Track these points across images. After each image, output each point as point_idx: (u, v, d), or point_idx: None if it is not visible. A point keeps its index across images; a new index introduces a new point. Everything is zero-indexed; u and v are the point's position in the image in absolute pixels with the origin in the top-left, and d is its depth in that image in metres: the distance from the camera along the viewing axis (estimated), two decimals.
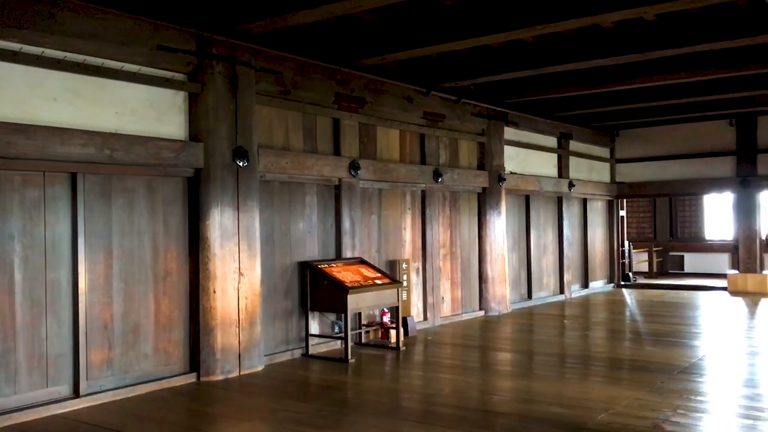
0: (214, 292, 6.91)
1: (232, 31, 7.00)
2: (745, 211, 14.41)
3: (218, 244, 6.95)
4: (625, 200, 16.60)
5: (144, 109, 6.61)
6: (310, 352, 8.07)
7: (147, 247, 6.64)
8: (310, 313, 8.10)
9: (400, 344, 8.43)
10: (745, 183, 14.28)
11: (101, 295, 6.24)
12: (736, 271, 14.76)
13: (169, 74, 6.79)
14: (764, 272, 13.98)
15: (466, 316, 10.97)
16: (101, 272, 6.25)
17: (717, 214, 18.74)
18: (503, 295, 11.57)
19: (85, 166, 6.05)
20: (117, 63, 6.34)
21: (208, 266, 6.90)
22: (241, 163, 7.17)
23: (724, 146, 14.55)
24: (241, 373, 7.10)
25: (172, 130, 6.85)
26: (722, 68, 9.44)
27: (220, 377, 6.92)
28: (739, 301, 12.95)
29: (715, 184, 14.82)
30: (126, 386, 6.33)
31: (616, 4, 6.64)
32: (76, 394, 6.00)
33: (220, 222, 6.99)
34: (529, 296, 12.84)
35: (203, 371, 6.88)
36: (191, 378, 6.84)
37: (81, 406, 5.92)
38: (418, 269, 10.12)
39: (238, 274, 7.12)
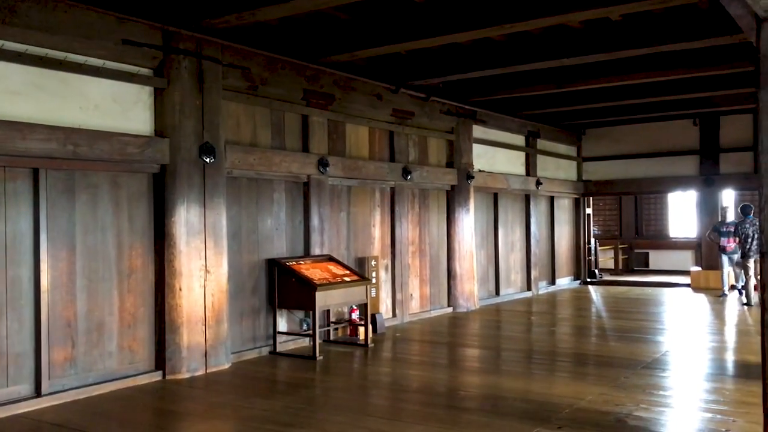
0: (180, 289, 6.83)
1: (199, 25, 6.93)
2: (708, 209, 14.71)
3: (184, 241, 6.88)
4: (591, 198, 16.82)
5: (108, 104, 6.51)
6: (278, 350, 8.04)
7: (111, 243, 6.54)
8: (278, 310, 8.06)
9: (369, 341, 8.44)
10: (708, 182, 14.57)
11: (64, 292, 6.14)
12: (699, 268, 15.05)
13: (134, 69, 6.69)
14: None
15: (434, 313, 11.02)
16: (64, 269, 6.15)
17: (681, 212, 19.07)
18: (471, 291, 11.65)
19: (47, 162, 5.93)
20: (81, 57, 6.23)
21: (173, 263, 6.83)
22: (207, 159, 7.10)
23: (688, 145, 14.83)
24: (208, 371, 7.04)
25: (138, 126, 6.76)
26: (686, 69, 9.62)
27: (186, 375, 6.85)
28: (702, 298, 13.20)
29: (680, 182, 15.09)
30: (90, 385, 6.23)
31: (583, 3, 6.72)
32: (37, 393, 5.89)
33: (186, 219, 6.92)
34: (497, 293, 12.94)
35: (169, 369, 6.81)
36: (157, 376, 6.77)
37: (43, 406, 5.81)
38: (387, 266, 10.13)
39: (205, 271, 7.05)
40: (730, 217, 13.27)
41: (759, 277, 3.23)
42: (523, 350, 8.54)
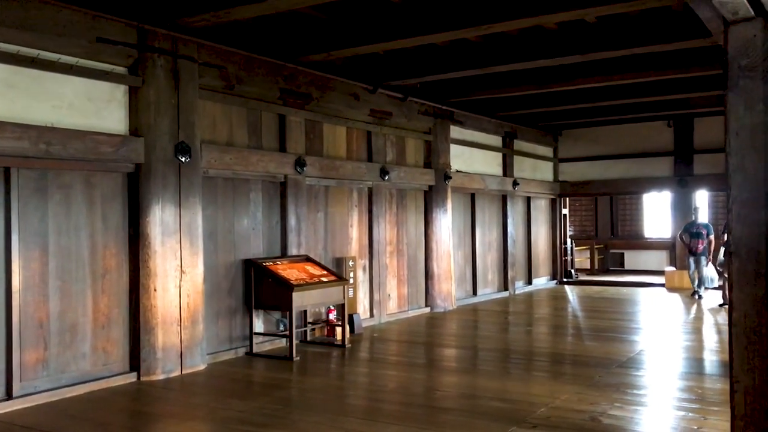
0: (155, 290, 6.77)
1: (175, 24, 6.87)
2: (682, 210, 14.89)
3: (159, 241, 6.82)
4: (567, 199, 16.95)
5: (82, 103, 6.43)
6: (254, 351, 7.99)
7: (85, 244, 6.46)
8: (254, 311, 8.01)
9: (346, 341, 8.42)
10: (682, 183, 14.76)
11: (36, 293, 6.04)
12: (673, 268, 15.24)
13: (108, 67, 6.61)
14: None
15: (412, 313, 11.03)
16: (36, 270, 6.05)
17: (656, 213, 19.29)
18: (449, 291, 11.68)
19: (19, 161, 5.84)
20: (54, 55, 6.15)
21: (148, 264, 6.76)
22: (183, 159, 7.04)
23: (663, 147, 15.01)
24: (183, 373, 6.98)
25: (112, 125, 6.68)
26: (660, 71, 9.74)
27: (161, 377, 6.78)
28: (676, 297, 13.36)
29: (654, 183, 15.26)
30: (62, 387, 6.15)
31: (558, 5, 6.77)
32: (8, 395, 5.80)
33: (161, 218, 6.85)
34: (474, 293, 12.99)
35: (144, 371, 6.74)
36: (131, 377, 6.69)
37: (14, 408, 5.72)
38: (364, 266, 10.12)
39: (180, 271, 6.99)
40: (701, 218, 13.39)
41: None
42: (499, 350, 8.58)
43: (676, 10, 7.54)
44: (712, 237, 12.97)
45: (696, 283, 13.10)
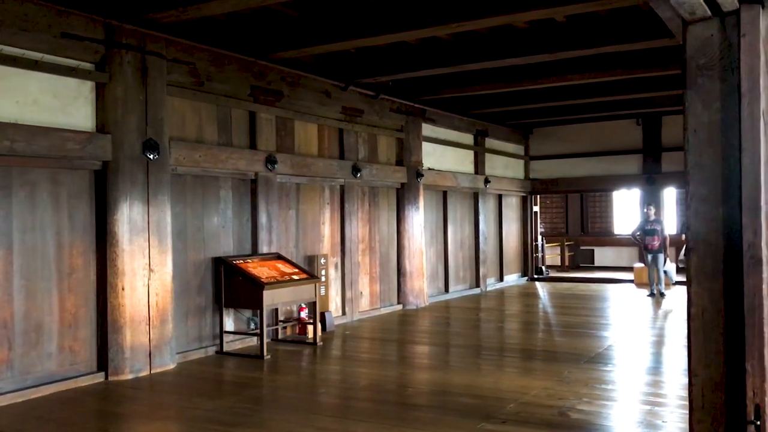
0: (123, 288, 6.69)
1: (143, 19, 6.78)
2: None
3: (127, 240, 6.74)
4: (538, 196, 17.09)
5: (48, 99, 6.33)
6: (224, 350, 7.94)
7: (51, 242, 6.36)
8: (225, 309, 7.96)
9: (318, 339, 8.40)
10: (650, 180, 14.96)
11: (0, 292, 5.93)
12: (642, 265, 15.43)
13: (74, 63, 6.51)
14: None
15: (384, 310, 11.04)
16: (0, 268, 5.94)
17: (625, 210, 19.55)
18: (421, 288, 11.72)
19: None
20: (18, 50, 6.03)
21: (116, 262, 6.68)
22: (151, 156, 6.97)
23: (632, 145, 15.21)
24: (152, 372, 6.91)
25: (79, 121, 6.58)
26: (629, 69, 9.86)
27: (130, 376, 6.71)
28: (644, 293, 13.54)
29: (624, 180, 15.46)
30: (28, 387, 6.04)
31: (528, 4, 6.82)
32: None
33: (129, 216, 6.77)
34: (446, 290, 13.05)
35: (111, 370, 6.66)
36: (99, 377, 6.61)
37: None
38: (336, 264, 10.11)
39: (149, 270, 6.92)
40: (654, 215, 13.15)
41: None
42: (471, 346, 8.63)
43: (643, 10, 7.62)
44: (666, 234, 12.97)
45: (654, 281, 12.95)
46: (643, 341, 8.72)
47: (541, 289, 14.87)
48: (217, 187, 8.14)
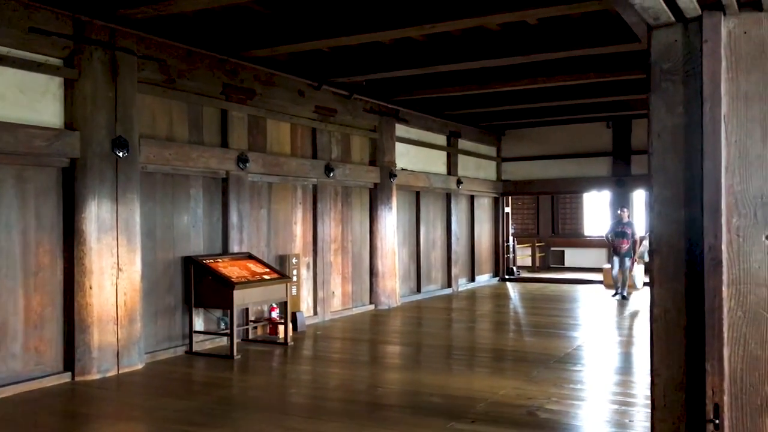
0: (91, 288, 6.60)
1: (113, 15, 6.70)
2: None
3: (95, 238, 6.65)
4: (510, 197, 17.22)
5: (14, 95, 6.22)
6: (194, 350, 7.88)
7: (16, 240, 6.25)
8: (194, 309, 7.89)
9: (289, 339, 8.37)
10: (620, 183, 15.16)
11: None
12: (611, 265, 15.61)
13: (42, 58, 6.41)
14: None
15: (356, 310, 11.04)
16: None
17: (595, 212, 19.76)
18: (393, 289, 11.73)
19: None
20: None
21: (83, 261, 6.59)
22: (120, 154, 6.89)
23: (602, 147, 15.39)
24: (120, 372, 6.83)
25: (46, 118, 6.48)
26: (599, 73, 9.97)
27: (97, 376, 6.63)
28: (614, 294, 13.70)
29: (594, 182, 15.64)
30: None
31: (500, 6, 6.87)
32: None
33: (97, 215, 6.69)
34: (418, 290, 13.09)
35: (78, 370, 6.57)
36: (65, 378, 6.52)
37: None
38: (308, 264, 10.09)
39: (117, 269, 6.84)
40: (626, 217, 13.19)
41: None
42: (442, 346, 8.68)
43: (613, 14, 7.72)
44: (637, 237, 12.99)
45: (618, 283, 12.96)
46: (611, 341, 8.83)
47: (512, 289, 14.98)
48: (188, 185, 8.07)
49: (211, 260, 7.91)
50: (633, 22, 2.96)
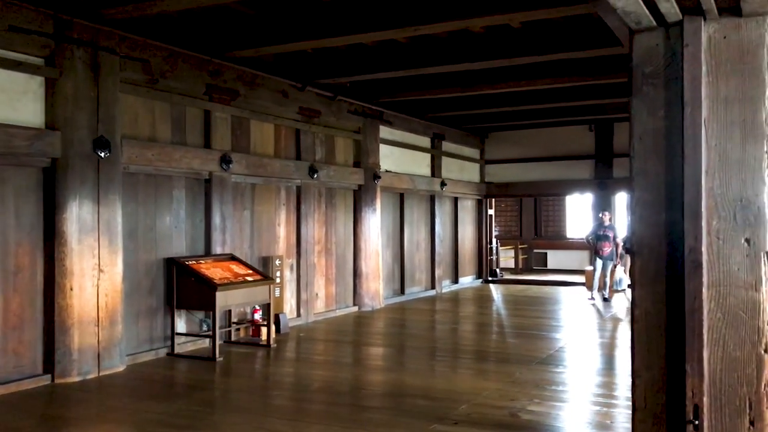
0: (71, 289, 6.54)
1: (95, 15, 6.65)
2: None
3: (76, 239, 6.59)
4: (493, 199, 17.28)
5: None
6: (176, 351, 7.82)
7: None
8: (176, 311, 7.84)
9: (272, 341, 8.34)
10: (602, 185, 15.26)
11: None
12: (593, 268, 15.70)
13: (22, 57, 6.34)
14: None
15: (339, 312, 11.02)
16: None
17: (578, 214, 19.88)
18: (377, 290, 11.73)
19: None
20: None
21: (64, 262, 6.53)
22: (102, 154, 6.83)
23: (585, 150, 15.49)
24: (101, 374, 6.77)
25: (27, 117, 6.41)
26: (582, 76, 10.03)
27: (77, 378, 6.56)
28: (595, 296, 13.78)
29: (576, 185, 15.74)
30: None
31: (484, 9, 6.89)
32: None
33: (78, 215, 6.62)
34: (402, 291, 13.09)
35: (58, 372, 6.50)
36: (45, 380, 6.44)
37: None
38: (292, 266, 10.05)
39: (98, 270, 6.78)
40: (609, 220, 13.13)
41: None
42: (426, 348, 8.68)
43: (596, 18, 7.77)
44: (619, 240, 12.90)
45: (598, 286, 12.90)
46: (593, 343, 8.89)
47: (495, 291, 15.03)
48: (170, 186, 8.02)
49: (194, 261, 7.87)
50: (615, 26, 2.99)
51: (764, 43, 2.80)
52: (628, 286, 13.04)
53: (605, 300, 12.79)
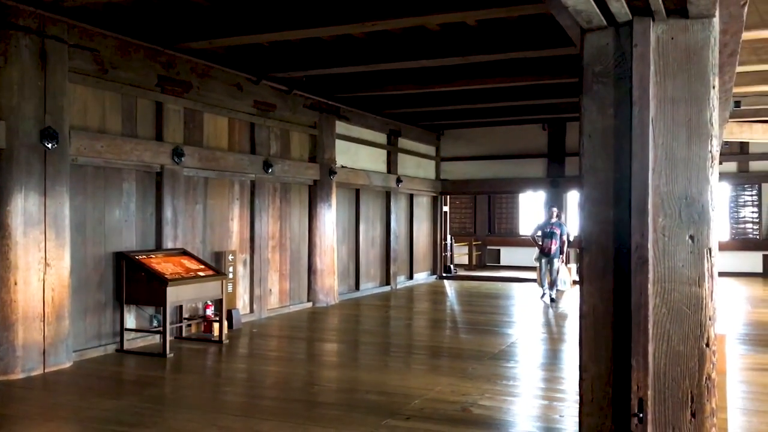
0: (16, 283, 6.35)
1: (41, 1, 6.46)
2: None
3: (21, 232, 6.40)
4: (448, 197, 17.41)
5: None
6: (125, 348, 7.67)
7: None
8: (126, 306, 7.69)
9: (224, 337, 8.24)
10: (555, 183, 15.51)
11: None
12: (537, 266, 15.94)
13: None
14: (568, 266, 15.14)
15: (294, 308, 10.96)
16: None
17: (531, 212, 20.14)
18: (331, 286, 11.70)
19: None
20: None
21: (8, 256, 6.33)
22: (49, 145, 6.65)
23: (538, 149, 15.73)
24: (46, 371, 6.60)
25: None
26: (536, 76, 10.16)
27: (21, 375, 6.38)
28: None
29: (530, 183, 15.97)
30: None
31: (440, 6, 6.92)
32: None
33: (23, 208, 6.43)
34: (357, 287, 13.09)
35: (1, 369, 6.31)
36: None
37: None
38: (245, 261, 9.95)
39: (44, 264, 6.60)
40: (555, 218, 12.88)
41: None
42: (380, 344, 8.70)
43: (551, 18, 7.87)
44: (565, 238, 12.68)
45: (546, 285, 12.63)
46: (544, 338, 9.03)
47: (450, 287, 15.15)
48: (120, 179, 7.85)
49: (144, 256, 7.72)
50: (567, 25, 3.03)
51: (710, 44, 2.87)
52: (574, 282, 13.21)
53: (552, 301, 12.64)
